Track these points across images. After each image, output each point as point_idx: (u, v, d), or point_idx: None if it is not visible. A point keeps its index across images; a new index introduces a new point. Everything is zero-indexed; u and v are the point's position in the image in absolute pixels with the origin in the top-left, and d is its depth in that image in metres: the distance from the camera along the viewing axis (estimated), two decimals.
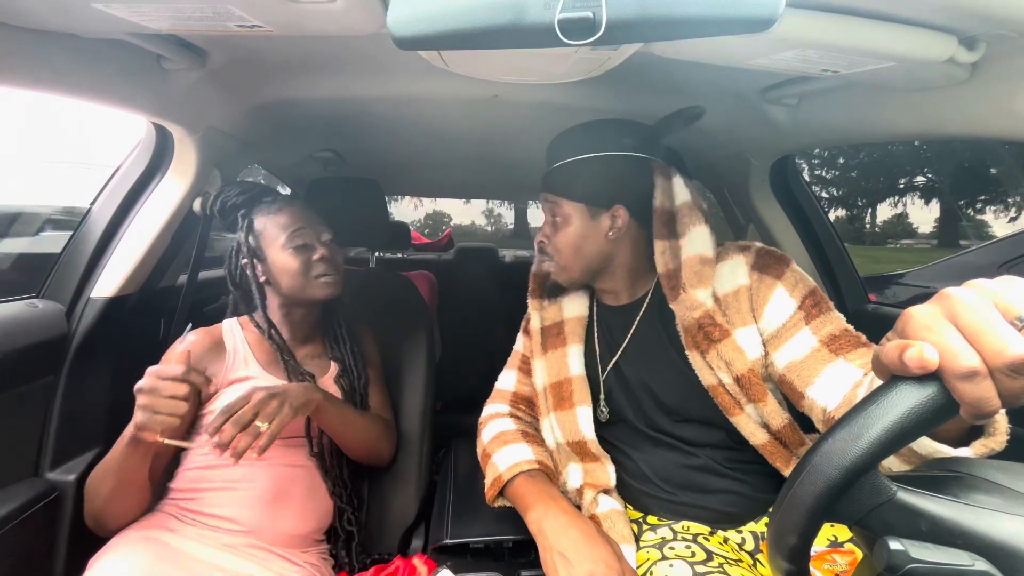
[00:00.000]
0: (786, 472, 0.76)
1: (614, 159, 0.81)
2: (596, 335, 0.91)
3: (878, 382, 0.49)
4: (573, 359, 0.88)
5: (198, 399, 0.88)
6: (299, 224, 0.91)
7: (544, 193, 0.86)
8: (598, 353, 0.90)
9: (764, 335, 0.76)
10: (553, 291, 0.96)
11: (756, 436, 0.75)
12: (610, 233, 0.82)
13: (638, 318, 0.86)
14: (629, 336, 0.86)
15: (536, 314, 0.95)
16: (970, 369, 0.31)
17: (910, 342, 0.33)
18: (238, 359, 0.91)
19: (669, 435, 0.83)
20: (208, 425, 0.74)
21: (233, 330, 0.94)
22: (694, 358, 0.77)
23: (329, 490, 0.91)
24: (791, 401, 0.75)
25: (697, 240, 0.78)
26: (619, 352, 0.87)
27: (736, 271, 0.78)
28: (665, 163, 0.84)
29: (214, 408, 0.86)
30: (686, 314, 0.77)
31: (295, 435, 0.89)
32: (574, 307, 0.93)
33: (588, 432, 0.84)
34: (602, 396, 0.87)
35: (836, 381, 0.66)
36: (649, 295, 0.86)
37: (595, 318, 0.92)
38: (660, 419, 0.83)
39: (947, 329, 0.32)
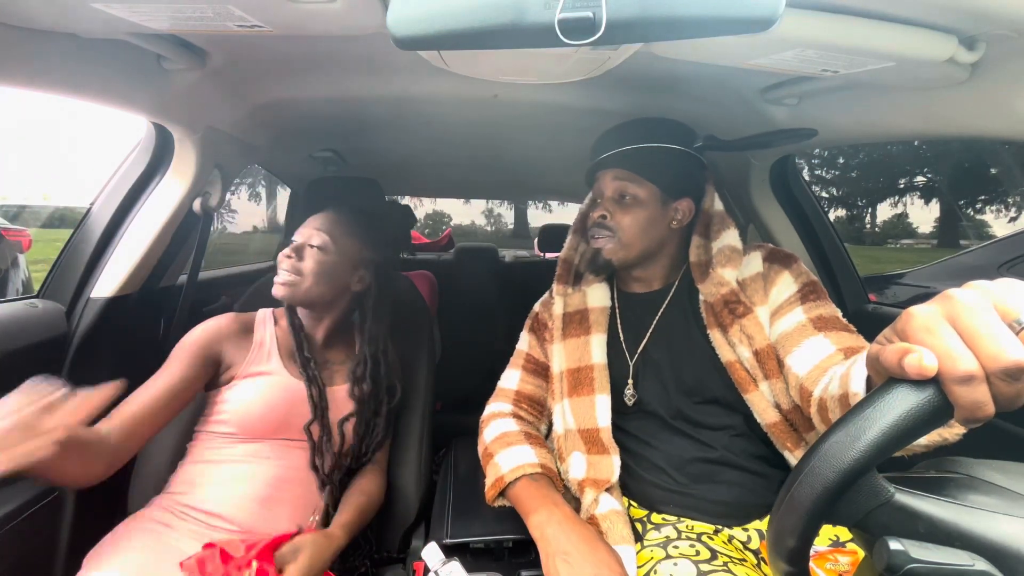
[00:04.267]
0: (795, 455, 0.79)
1: (691, 157, 0.89)
2: (620, 323, 0.93)
3: (858, 368, 0.49)
4: (596, 348, 0.90)
5: (216, 383, 0.87)
6: (302, 223, 0.90)
7: (617, 169, 0.87)
8: (623, 340, 0.91)
9: (769, 311, 0.83)
10: (578, 278, 0.98)
11: (768, 415, 0.79)
12: (673, 223, 0.89)
13: (667, 301, 0.91)
14: (657, 318, 0.90)
15: (560, 299, 0.96)
16: (967, 373, 0.31)
17: (910, 347, 0.33)
18: (262, 352, 0.90)
19: (689, 421, 0.85)
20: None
21: (266, 321, 0.94)
22: (714, 336, 0.83)
23: (327, 501, 0.89)
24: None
25: (728, 237, 0.87)
26: (647, 335, 0.90)
27: (752, 261, 0.86)
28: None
29: (227, 397, 0.86)
30: (714, 290, 0.83)
31: (299, 438, 0.88)
32: (598, 297, 0.95)
33: (604, 421, 0.85)
34: (630, 380, 0.89)
35: (811, 352, 0.74)
36: (678, 281, 0.92)
37: (617, 307, 0.95)
38: (681, 401, 0.85)
39: (946, 332, 0.32)
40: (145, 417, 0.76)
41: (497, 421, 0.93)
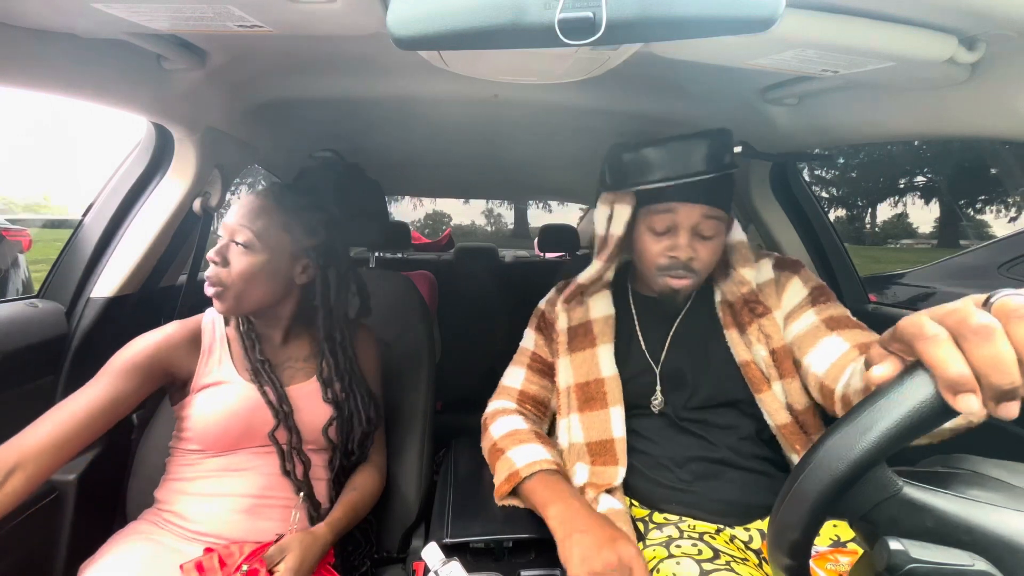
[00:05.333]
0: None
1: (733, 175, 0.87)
2: (639, 329, 0.92)
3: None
4: (604, 360, 0.89)
5: (178, 396, 0.83)
6: (230, 212, 0.80)
7: (703, 207, 0.80)
8: (644, 347, 0.90)
9: (783, 316, 0.85)
10: (583, 293, 0.97)
11: (779, 415, 0.80)
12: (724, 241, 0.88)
13: (688, 304, 0.91)
14: (677, 323, 0.90)
15: (564, 315, 0.95)
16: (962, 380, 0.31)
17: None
18: (213, 359, 0.82)
19: (697, 421, 0.85)
20: None
21: (214, 323, 0.85)
22: (731, 335, 0.85)
23: (307, 504, 0.84)
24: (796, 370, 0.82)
25: (736, 233, 0.89)
26: (668, 341, 0.90)
27: (763, 268, 0.88)
28: None
29: (187, 413, 0.81)
30: (735, 289, 0.86)
31: (271, 443, 0.83)
32: (600, 307, 0.94)
33: (619, 431, 0.85)
34: (658, 388, 0.87)
35: (828, 351, 0.76)
36: None
37: (635, 312, 0.94)
38: (695, 402, 0.85)
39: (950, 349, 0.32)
40: (60, 441, 0.68)
41: (504, 418, 0.92)
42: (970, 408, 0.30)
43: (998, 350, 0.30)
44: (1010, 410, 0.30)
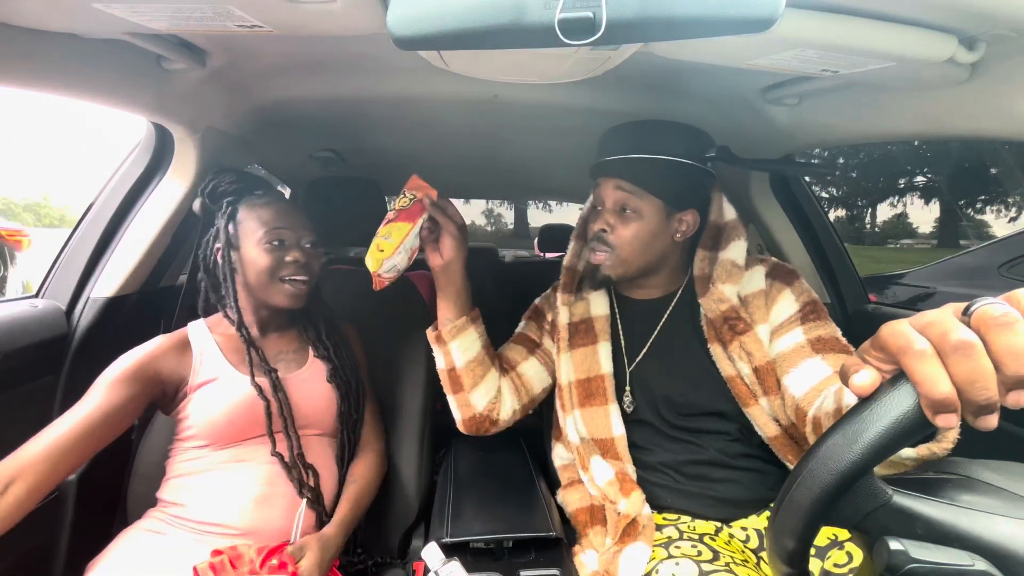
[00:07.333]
0: (795, 464, 0.79)
1: (697, 169, 0.85)
2: (621, 330, 0.93)
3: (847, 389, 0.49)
4: (604, 356, 0.90)
5: (172, 405, 0.85)
6: (282, 223, 0.87)
7: (618, 180, 0.84)
8: (624, 347, 0.91)
9: (770, 329, 0.82)
10: (581, 286, 0.97)
11: (768, 428, 0.79)
12: (677, 235, 0.87)
13: (668, 312, 0.90)
14: (658, 329, 0.90)
15: (565, 309, 0.94)
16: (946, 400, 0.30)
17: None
18: (205, 360, 0.86)
19: (683, 429, 0.85)
20: None
21: (200, 332, 0.89)
22: (715, 350, 0.83)
23: (309, 503, 0.84)
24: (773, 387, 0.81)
25: (733, 250, 0.85)
26: (648, 345, 0.90)
27: (755, 277, 0.86)
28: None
29: (188, 412, 0.83)
30: (714, 307, 0.83)
31: (275, 430, 0.85)
32: (600, 304, 0.94)
33: (619, 430, 0.86)
34: (627, 388, 0.89)
35: (808, 373, 0.74)
36: (680, 291, 0.91)
37: (618, 312, 0.94)
38: (678, 410, 0.85)
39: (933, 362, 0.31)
40: (59, 452, 0.69)
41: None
42: (949, 425, 0.30)
43: (978, 366, 0.29)
44: (989, 422, 0.30)
